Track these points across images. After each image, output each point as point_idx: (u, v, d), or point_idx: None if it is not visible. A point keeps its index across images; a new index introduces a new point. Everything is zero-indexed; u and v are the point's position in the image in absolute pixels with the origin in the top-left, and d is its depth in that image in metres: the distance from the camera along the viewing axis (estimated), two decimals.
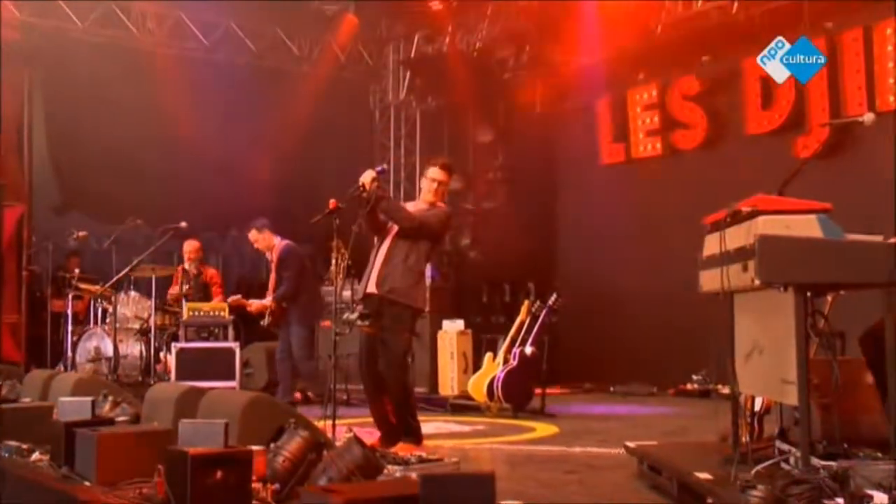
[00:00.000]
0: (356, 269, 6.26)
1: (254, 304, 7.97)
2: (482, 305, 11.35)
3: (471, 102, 11.73)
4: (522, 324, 7.89)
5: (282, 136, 11.33)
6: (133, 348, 9.10)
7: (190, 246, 9.46)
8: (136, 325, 9.18)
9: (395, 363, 5.49)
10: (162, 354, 8.92)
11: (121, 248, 9.22)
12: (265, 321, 7.98)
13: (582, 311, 10.00)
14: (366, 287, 5.58)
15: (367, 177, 5.42)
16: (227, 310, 8.54)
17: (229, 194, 10.99)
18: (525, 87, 11.30)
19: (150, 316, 8.94)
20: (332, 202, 5.34)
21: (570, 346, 10.02)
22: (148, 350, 8.90)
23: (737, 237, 3.86)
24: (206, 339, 8.42)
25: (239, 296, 8.17)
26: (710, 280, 4.26)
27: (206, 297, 9.22)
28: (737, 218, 3.90)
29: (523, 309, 8.03)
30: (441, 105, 12.35)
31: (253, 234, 8.12)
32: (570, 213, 11.22)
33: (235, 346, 8.29)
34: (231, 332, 8.46)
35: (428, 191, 5.69)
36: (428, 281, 6.34)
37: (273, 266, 8.04)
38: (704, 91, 9.54)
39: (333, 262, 6.66)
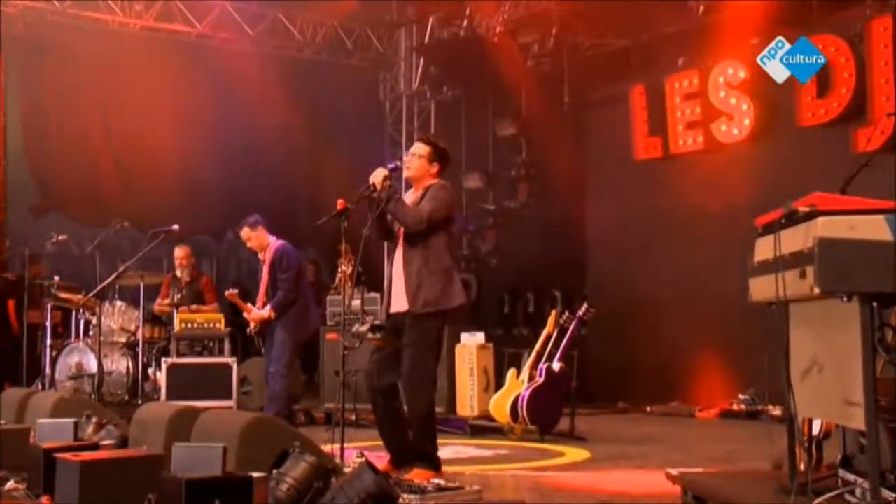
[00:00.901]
0: (366, 276, 6.23)
1: (253, 313, 7.90)
2: (504, 316, 11.35)
3: (491, 92, 11.76)
4: (549, 337, 7.88)
5: (283, 130, 11.41)
6: (119, 364, 9.12)
7: (181, 251, 9.49)
8: (123, 339, 9.21)
9: (425, 382, 5.50)
10: (151, 371, 8.96)
11: (105, 253, 9.30)
12: (251, 329, 7.94)
13: (615, 322, 9.99)
14: (389, 305, 5.58)
15: (378, 175, 5.42)
16: (222, 321, 8.55)
17: (225, 194, 11.07)
18: (551, 75, 11.26)
19: (137, 328, 8.98)
20: (340, 202, 5.34)
21: (602, 362, 9.99)
22: (135, 366, 8.94)
23: (793, 240, 3.82)
24: (200, 354, 8.45)
25: (236, 291, 8.10)
26: (761, 288, 4.21)
27: (200, 307, 9.21)
28: (793, 219, 3.86)
29: (550, 320, 8.02)
30: (458, 95, 12.39)
31: (245, 232, 8.05)
32: (601, 213, 11.19)
33: (232, 361, 8.29)
34: (227, 345, 8.49)
35: (417, 169, 5.63)
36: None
37: (266, 268, 8.01)
38: (752, 78, 9.47)
39: (341, 268, 6.68)
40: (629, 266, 10.55)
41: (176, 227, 8.74)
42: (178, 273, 9.47)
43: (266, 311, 7.86)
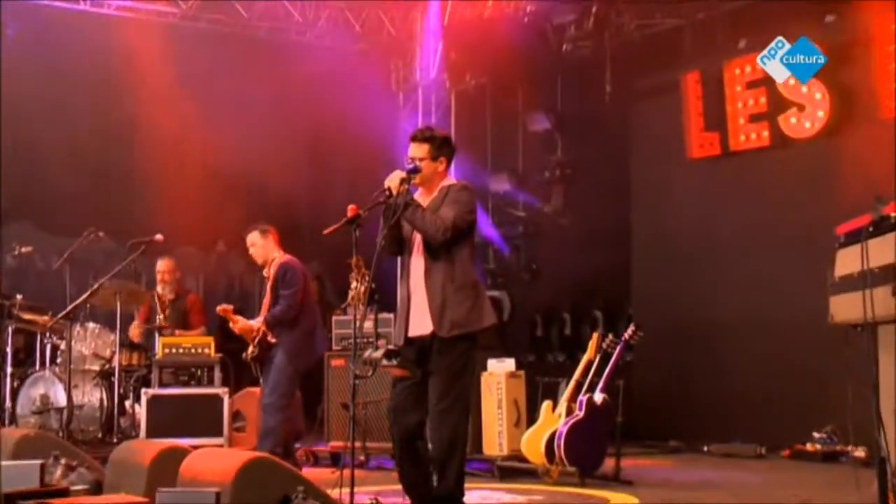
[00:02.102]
0: (381, 294, 6.22)
1: (239, 323, 7.89)
2: (537, 340, 11.41)
3: (521, 82, 11.74)
4: (590, 364, 7.89)
5: (281, 126, 11.45)
6: (91, 396, 9.11)
7: (164, 265, 9.50)
8: (96, 367, 9.19)
9: (455, 416, 5.49)
10: (128, 404, 8.96)
11: (76, 267, 9.29)
12: (248, 353, 7.91)
13: (666, 347, 10.02)
14: (407, 328, 5.58)
15: (394, 178, 5.43)
16: (212, 346, 8.56)
17: (214, 200, 11.09)
18: (590, 62, 11.22)
19: (113, 354, 8.97)
20: (350, 208, 5.34)
21: (651, 393, 9.99)
22: (111, 398, 8.91)
23: (883, 251, 3.80)
24: (186, 384, 8.43)
25: (230, 307, 8.10)
26: (844, 307, 4.19)
27: (185, 330, 9.24)
28: (883, 226, 3.83)
29: (591, 345, 8.02)
30: (482, 85, 12.37)
31: (253, 237, 8.04)
32: (649, 221, 11.18)
33: (223, 392, 8.29)
34: (218, 374, 8.46)
35: (427, 171, 5.62)
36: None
37: (269, 284, 8.03)
38: (829, 61, 9.40)
39: (353, 284, 6.65)
40: (682, 282, 10.53)
41: (159, 236, 8.77)
42: (161, 290, 9.47)
43: (256, 322, 7.86)
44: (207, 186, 11.23)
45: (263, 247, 8.04)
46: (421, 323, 5.51)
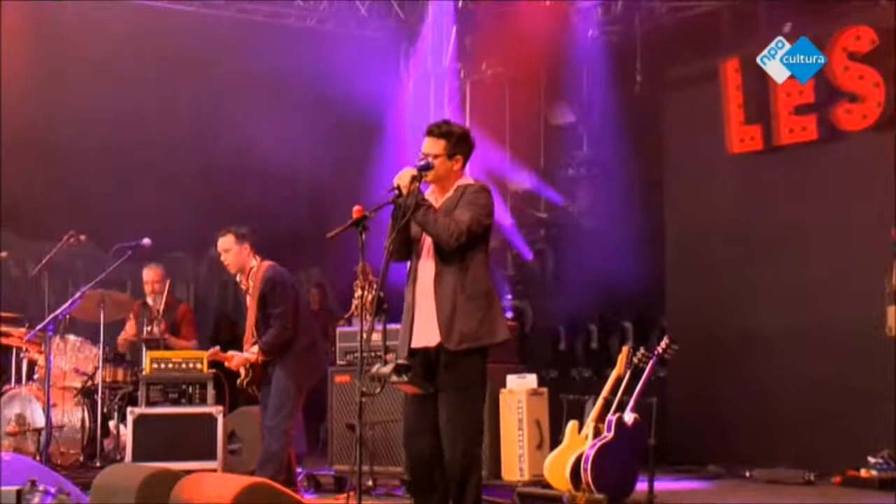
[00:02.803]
0: (389, 303, 6.20)
1: (235, 359, 7.94)
2: (560, 354, 11.38)
3: (543, 70, 11.70)
4: (619, 380, 7.85)
5: (280, 120, 11.46)
6: (72, 416, 9.14)
7: (153, 273, 9.55)
8: (77, 384, 9.23)
9: (467, 436, 5.52)
10: (113, 424, 8.99)
11: (55, 274, 9.29)
12: (242, 380, 7.98)
13: (704, 361, 9.98)
14: (410, 340, 5.62)
15: (404, 176, 5.46)
16: (204, 360, 8.59)
17: (207, 201, 11.11)
18: (619, 48, 11.25)
19: (96, 370, 8.99)
20: (356, 209, 5.38)
21: (687, 412, 10.00)
22: (93, 418, 8.94)
23: None
24: (177, 402, 8.45)
25: (217, 349, 8.15)
26: None
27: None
28: None
29: (620, 359, 7.99)
30: (500, 74, 12.34)
31: (228, 242, 7.96)
32: (684, 222, 11.10)
33: (217, 411, 8.30)
34: (211, 391, 8.48)
35: (437, 171, 5.65)
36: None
37: (251, 297, 8.01)
38: (883, 46, 9.39)
39: (357, 293, 6.64)
40: (721, 290, 10.47)
41: (147, 241, 8.77)
42: (150, 300, 9.50)
43: (251, 354, 7.87)
44: (200, 185, 11.32)
45: (238, 254, 8.00)
46: (427, 333, 5.55)
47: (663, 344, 7.85)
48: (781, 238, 10.03)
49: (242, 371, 7.94)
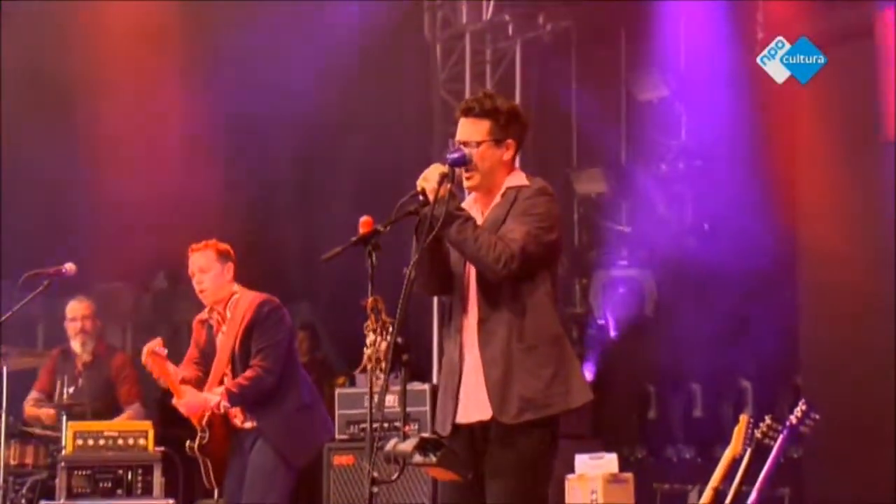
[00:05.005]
0: (412, 352, 6.18)
1: (186, 396, 7.84)
2: (651, 425, 11.61)
3: (623, 26, 11.84)
4: (735, 461, 7.73)
5: (253, 100, 11.65)
6: None
7: (79, 309, 9.71)
8: None
9: None
10: None
11: None
12: (194, 443, 7.87)
13: (854, 436, 9.85)
14: (454, 413, 5.69)
15: (431, 176, 5.48)
16: (150, 435, 8.67)
17: (153, 216, 11.30)
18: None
19: None
20: (364, 221, 5.42)
21: None
22: None
23: None
24: (111, 494, 8.54)
25: (162, 349, 8.01)
26: None
27: (111, 409, 9.45)
28: None
29: (737, 433, 7.79)
30: (563, 32, 12.37)
31: (206, 260, 7.97)
32: (825, 237, 10.92)
33: None
34: (159, 477, 8.58)
35: (481, 167, 5.67)
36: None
37: (227, 333, 8.05)
38: None
39: (370, 338, 6.47)
40: (879, 336, 10.28)
41: (70, 266, 8.69)
42: (75, 344, 9.63)
43: (213, 396, 7.85)
44: (145, 195, 11.41)
45: (220, 276, 8.04)
46: (475, 403, 5.61)
47: (798, 411, 7.65)
48: None
49: (201, 432, 7.88)
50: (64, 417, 8.96)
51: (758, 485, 7.55)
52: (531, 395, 5.48)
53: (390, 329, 5.99)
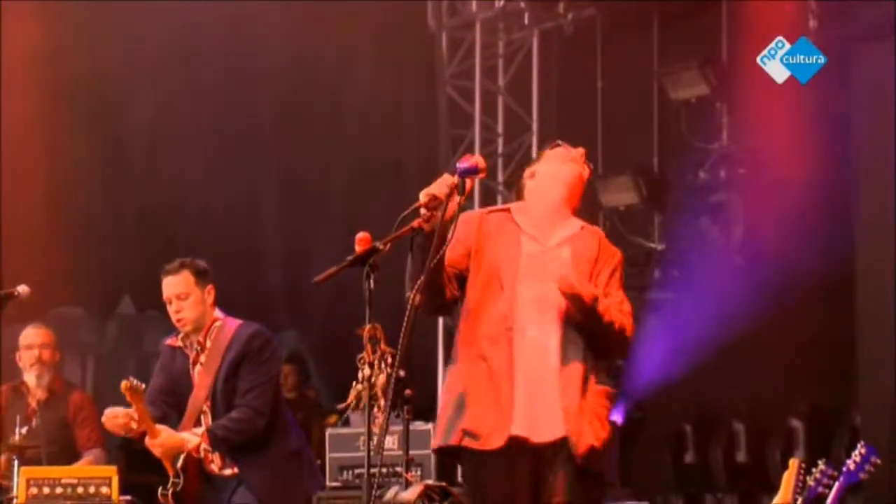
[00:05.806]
0: (415, 389, 6.34)
1: (161, 435, 7.73)
2: (688, 470, 11.56)
3: (656, 12, 12.02)
4: None
5: (244, 100, 12.00)
6: None
7: (38, 336, 9.74)
8: None
9: None
10: None
11: None
12: (167, 489, 7.84)
13: None
14: (508, 425, 5.82)
15: (439, 189, 5.58)
16: (114, 481, 8.49)
17: (117, 232, 11.47)
18: None
19: None
20: (361, 238, 5.47)
21: None
22: None
23: None
24: None
25: (139, 384, 7.78)
26: None
27: (68, 454, 9.41)
28: None
29: (786, 478, 7.84)
30: (587, 22, 12.52)
31: (184, 283, 7.92)
32: (888, 258, 10.82)
33: None
34: None
35: (555, 197, 6.08)
36: None
37: (206, 365, 8.02)
38: None
39: (364, 371, 6.42)
40: None
41: (23, 288, 8.55)
42: (29, 380, 9.65)
43: (193, 438, 7.82)
44: (106, 210, 11.63)
45: (200, 302, 8.03)
46: (543, 417, 5.78)
47: (856, 455, 7.73)
48: None
49: (170, 470, 7.83)
50: (16, 462, 8.84)
51: None
52: (598, 443, 5.78)
53: (390, 361, 5.97)
